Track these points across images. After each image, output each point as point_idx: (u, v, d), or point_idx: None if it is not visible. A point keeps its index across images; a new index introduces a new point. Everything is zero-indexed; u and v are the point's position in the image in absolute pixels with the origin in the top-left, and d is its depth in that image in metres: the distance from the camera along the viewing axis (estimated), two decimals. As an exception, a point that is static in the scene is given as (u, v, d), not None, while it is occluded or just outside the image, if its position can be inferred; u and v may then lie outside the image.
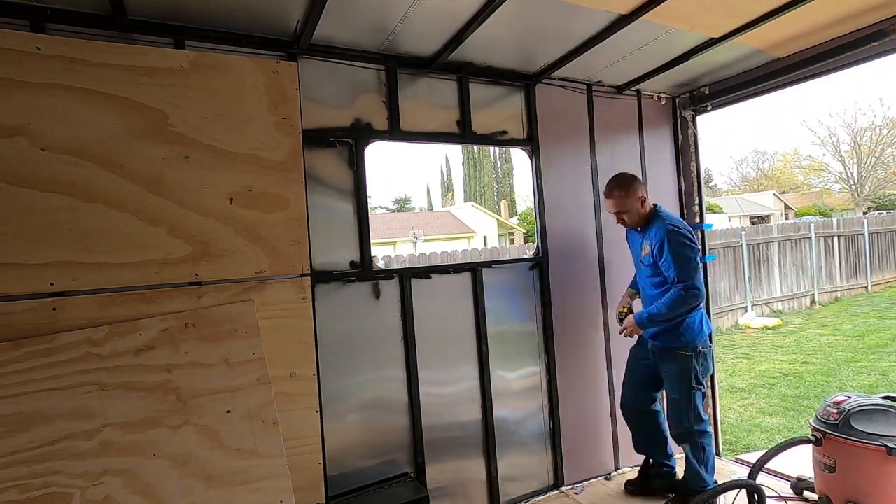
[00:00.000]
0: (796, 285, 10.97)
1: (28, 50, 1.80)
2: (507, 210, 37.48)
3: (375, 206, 48.15)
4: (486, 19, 2.21)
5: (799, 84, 3.02)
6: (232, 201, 2.11)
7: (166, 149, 2.01)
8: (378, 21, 2.25)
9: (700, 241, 3.59)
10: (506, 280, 2.99)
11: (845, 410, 2.59)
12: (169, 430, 1.87)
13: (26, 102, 1.80)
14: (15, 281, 1.78)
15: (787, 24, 2.51)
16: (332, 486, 2.39)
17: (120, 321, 1.91)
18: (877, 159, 25.82)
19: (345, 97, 2.52)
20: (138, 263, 1.95)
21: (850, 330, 8.44)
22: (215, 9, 2.05)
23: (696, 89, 3.48)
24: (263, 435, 1.99)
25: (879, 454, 2.42)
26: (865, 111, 50.55)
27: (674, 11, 2.31)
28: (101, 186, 1.90)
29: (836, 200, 30.64)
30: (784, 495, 2.86)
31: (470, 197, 44.77)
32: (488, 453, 2.88)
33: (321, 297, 2.42)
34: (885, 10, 2.44)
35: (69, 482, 1.71)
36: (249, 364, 2.04)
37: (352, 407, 2.51)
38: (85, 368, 1.81)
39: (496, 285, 2.94)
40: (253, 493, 1.91)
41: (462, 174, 49.13)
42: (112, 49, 1.94)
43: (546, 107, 3.09)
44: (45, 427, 1.72)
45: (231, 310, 2.07)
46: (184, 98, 2.04)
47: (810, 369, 6.44)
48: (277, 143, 2.20)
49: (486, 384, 2.88)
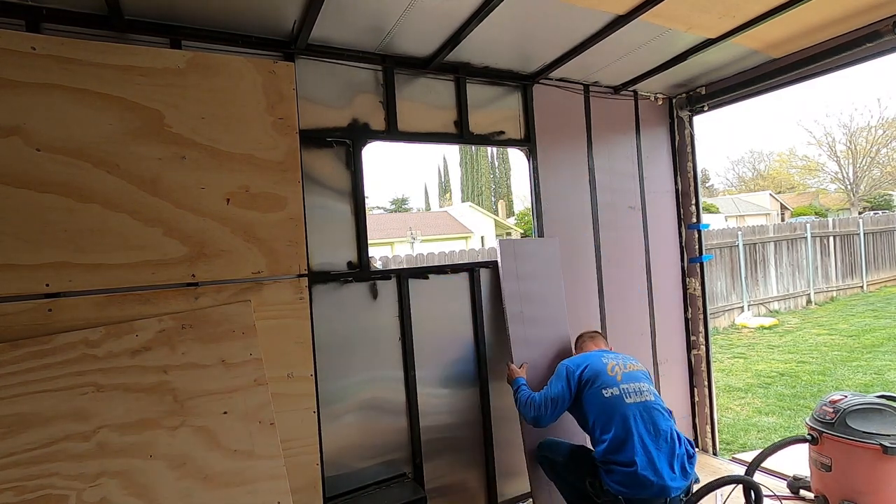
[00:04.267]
0: (792, 285, 11.01)
1: (23, 50, 1.79)
2: (504, 210, 37.48)
3: (373, 207, 48.07)
4: (483, 20, 2.22)
5: (795, 84, 3.04)
6: (229, 202, 2.10)
7: (163, 149, 2.00)
8: (375, 21, 2.25)
9: (697, 240, 3.61)
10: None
11: (841, 409, 2.60)
12: (166, 431, 1.86)
13: (22, 102, 1.79)
14: (10, 282, 1.77)
15: (783, 24, 2.52)
16: (329, 487, 2.39)
17: (116, 322, 1.90)
18: (872, 159, 25.91)
19: (342, 97, 2.52)
20: (135, 264, 1.94)
21: (846, 329, 8.47)
22: (212, 9, 2.04)
23: (693, 90, 3.49)
24: (261, 436, 1.98)
25: (875, 453, 2.43)
26: (862, 111, 50.86)
27: (670, 12, 2.31)
28: (97, 187, 1.89)
29: (831, 200, 30.75)
30: (780, 494, 2.87)
31: (467, 197, 44.80)
32: (486, 453, 2.88)
33: (318, 298, 2.42)
34: (881, 11, 2.45)
35: (65, 484, 1.70)
36: (246, 365, 2.03)
37: (349, 407, 2.50)
38: (81, 370, 1.80)
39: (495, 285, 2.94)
40: (250, 494, 1.91)
41: (459, 174, 49.18)
42: (108, 49, 1.93)
43: (543, 107, 3.09)
44: (41, 428, 1.71)
45: (228, 310, 2.07)
46: (180, 98, 2.03)
47: (806, 369, 6.46)
48: (274, 144, 2.19)
49: (485, 384, 2.87)
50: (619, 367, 2.39)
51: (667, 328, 3.57)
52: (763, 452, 2.68)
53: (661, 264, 3.56)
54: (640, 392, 2.31)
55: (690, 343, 3.67)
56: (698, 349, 3.64)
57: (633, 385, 2.32)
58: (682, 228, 3.67)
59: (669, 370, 3.58)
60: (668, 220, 3.63)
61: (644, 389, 2.33)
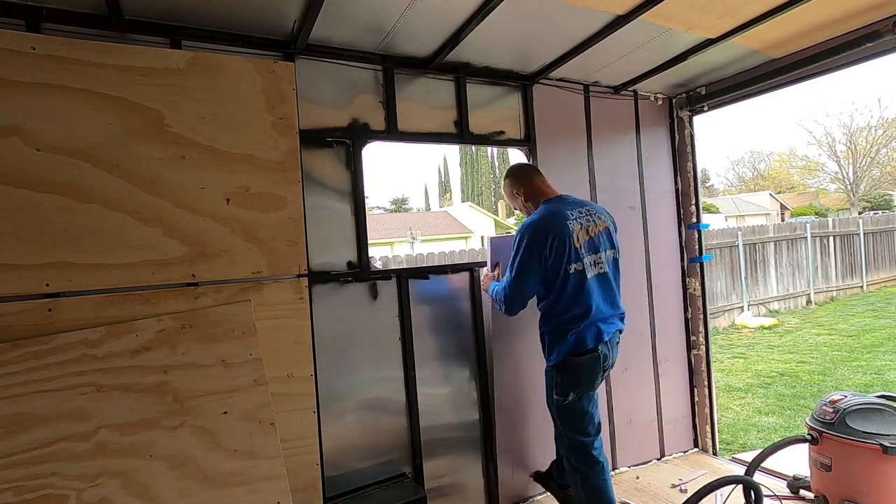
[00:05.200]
0: (792, 285, 11.02)
1: (23, 50, 1.79)
2: (504, 210, 37.47)
3: (373, 207, 48.10)
4: (482, 20, 2.21)
5: (795, 84, 3.03)
6: (229, 202, 2.10)
7: (163, 149, 2.00)
8: (375, 21, 2.25)
9: (697, 240, 3.61)
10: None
11: (841, 409, 2.60)
12: (166, 431, 1.86)
13: (22, 102, 1.79)
14: (10, 282, 1.77)
15: (784, 24, 2.52)
16: (329, 487, 2.39)
17: (116, 322, 1.90)
18: (872, 160, 25.93)
19: (342, 97, 2.52)
20: (134, 264, 1.94)
21: (846, 329, 8.47)
22: (212, 9, 2.04)
23: (693, 89, 3.49)
24: (260, 436, 1.98)
25: (875, 453, 2.43)
26: (863, 111, 50.87)
27: (671, 12, 2.31)
28: (97, 187, 1.89)
29: (831, 200, 30.76)
30: (780, 494, 2.87)
31: (467, 197, 44.82)
32: (486, 453, 2.88)
33: (318, 298, 2.42)
34: (881, 11, 2.45)
35: (65, 484, 1.70)
36: (246, 365, 2.03)
37: (349, 407, 2.50)
38: (81, 370, 1.80)
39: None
40: (250, 494, 1.91)
41: (459, 174, 49.19)
42: (108, 49, 1.93)
43: (543, 107, 3.09)
44: (41, 429, 1.71)
45: (228, 310, 2.07)
46: (180, 98, 2.03)
47: (806, 369, 6.46)
48: (274, 144, 2.19)
49: (485, 383, 2.87)
50: (583, 232, 2.30)
51: (667, 328, 3.57)
52: (763, 452, 2.68)
53: (660, 264, 3.56)
54: (598, 263, 2.33)
55: (690, 343, 3.67)
56: (698, 349, 3.64)
57: (594, 257, 2.31)
58: (682, 228, 3.67)
59: (669, 370, 3.58)
60: (668, 220, 3.63)
61: (601, 260, 2.34)
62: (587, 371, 2.28)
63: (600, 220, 2.39)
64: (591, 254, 2.31)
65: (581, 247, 2.28)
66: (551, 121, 3.13)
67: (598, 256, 2.33)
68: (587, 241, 2.31)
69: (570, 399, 2.31)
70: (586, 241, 2.31)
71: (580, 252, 2.27)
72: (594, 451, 2.35)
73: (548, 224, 2.27)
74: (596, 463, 2.34)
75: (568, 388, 2.30)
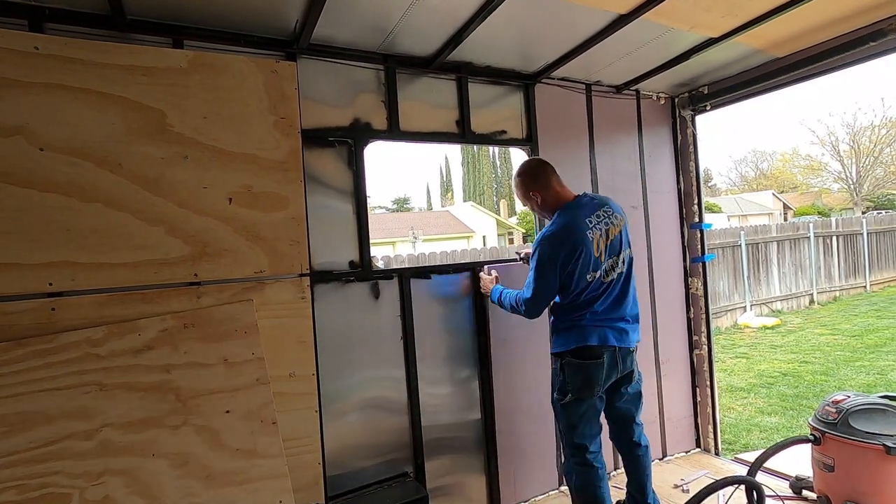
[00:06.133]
0: (795, 285, 10.99)
1: (26, 49, 1.80)
2: (506, 210, 37.49)
3: (375, 206, 48.16)
4: (485, 19, 2.21)
5: (798, 84, 3.02)
6: (231, 201, 2.11)
7: (165, 148, 2.00)
8: (377, 21, 2.25)
9: (700, 240, 3.60)
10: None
11: (844, 410, 2.59)
12: (168, 430, 1.87)
13: (25, 102, 1.80)
14: (13, 281, 1.78)
15: (787, 23, 2.51)
16: (331, 486, 2.39)
17: (119, 321, 1.91)
18: (875, 159, 25.84)
19: (344, 97, 2.52)
20: (137, 263, 1.95)
21: (849, 329, 8.45)
22: (214, 8, 2.04)
23: (696, 89, 3.48)
24: (263, 435, 1.99)
25: (878, 453, 2.43)
26: (866, 111, 50.71)
27: (673, 11, 2.31)
28: (99, 186, 1.90)
29: (834, 200, 30.66)
30: (783, 494, 2.87)
31: (469, 197, 44.82)
32: (488, 452, 2.88)
33: (320, 297, 2.42)
34: (885, 10, 2.44)
35: (68, 482, 1.70)
36: (249, 364, 2.04)
37: (351, 407, 2.50)
38: (84, 368, 1.81)
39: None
40: (252, 493, 1.91)
41: (461, 174, 49.19)
42: (111, 49, 1.93)
43: (545, 106, 3.09)
44: (44, 427, 1.72)
45: (230, 310, 2.07)
46: (183, 98, 2.04)
47: (809, 369, 6.45)
48: (276, 143, 2.20)
49: (487, 383, 2.87)
50: (602, 238, 2.28)
51: (669, 328, 3.57)
52: (765, 453, 2.67)
53: (663, 264, 3.56)
54: (616, 266, 2.33)
55: (693, 343, 3.67)
56: (700, 349, 3.64)
57: (612, 260, 2.32)
58: (685, 228, 3.66)
59: (671, 370, 3.58)
60: (670, 220, 3.62)
61: (619, 262, 2.34)
62: (587, 377, 2.29)
63: (618, 220, 2.39)
64: (610, 257, 2.32)
65: (601, 255, 2.28)
66: (553, 120, 3.12)
67: (616, 259, 2.34)
68: (607, 247, 2.31)
69: (567, 399, 2.33)
70: (606, 246, 2.30)
71: (599, 261, 2.28)
72: (589, 455, 2.35)
73: (566, 236, 2.26)
74: (591, 467, 2.34)
75: (567, 388, 2.32)
